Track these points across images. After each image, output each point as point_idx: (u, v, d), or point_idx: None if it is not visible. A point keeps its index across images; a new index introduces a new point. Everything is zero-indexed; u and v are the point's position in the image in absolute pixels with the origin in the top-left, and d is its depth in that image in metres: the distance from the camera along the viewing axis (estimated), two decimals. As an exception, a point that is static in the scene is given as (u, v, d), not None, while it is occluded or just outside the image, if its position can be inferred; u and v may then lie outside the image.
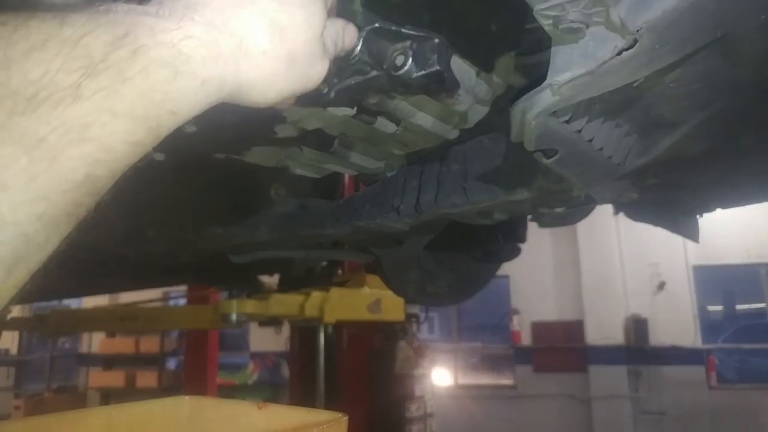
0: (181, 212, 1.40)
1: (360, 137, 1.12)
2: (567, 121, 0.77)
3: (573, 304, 9.36)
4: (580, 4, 0.59)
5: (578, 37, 0.63)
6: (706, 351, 8.49)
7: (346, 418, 0.59)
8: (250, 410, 0.68)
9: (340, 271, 3.84)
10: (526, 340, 9.78)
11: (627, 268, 9.05)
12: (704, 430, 8.13)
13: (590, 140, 0.84)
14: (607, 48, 0.62)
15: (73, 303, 6.77)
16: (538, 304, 9.72)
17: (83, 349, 11.30)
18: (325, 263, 3.27)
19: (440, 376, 9.18)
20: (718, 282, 9.22)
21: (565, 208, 1.26)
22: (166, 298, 5.49)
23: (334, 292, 3.12)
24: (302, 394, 3.98)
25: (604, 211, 1.40)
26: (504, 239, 1.88)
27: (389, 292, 3.47)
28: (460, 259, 2.00)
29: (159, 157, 1.09)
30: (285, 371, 9.69)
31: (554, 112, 0.75)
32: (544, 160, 0.91)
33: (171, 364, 10.01)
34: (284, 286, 3.17)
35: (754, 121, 0.93)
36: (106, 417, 0.73)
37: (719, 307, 9.58)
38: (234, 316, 2.60)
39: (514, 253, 1.96)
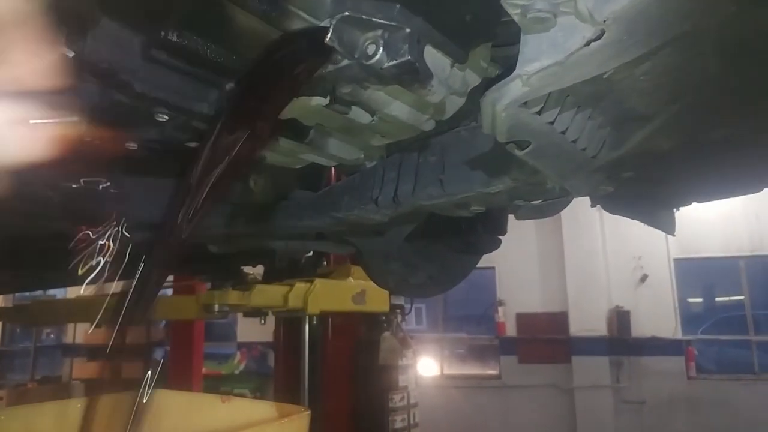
0: (152, 202, 1.38)
1: (336, 127, 1.11)
2: (538, 112, 0.77)
3: (557, 296, 9.46)
4: (548, -8, 0.59)
5: (547, 27, 0.62)
6: (686, 342, 8.63)
7: (308, 413, 0.59)
8: (214, 403, 0.68)
9: (325, 263, 3.84)
10: (510, 331, 9.87)
11: (610, 260, 9.16)
12: (682, 419, 8.29)
13: (563, 132, 0.84)
14: (575, 38, 0.62)
15: (58, 293, 6.70)
16: (523, 296, 9.81)
17: (68, 339, 11.20)
18: (310, 254, 3.26)
19: (426, 367, 9.24)
20: (699, 275, 9.36)
21: (542, 200, 1.26)
22: (149, 288, 5.44)
23: (318, 283, 3.11)
24: (287, 385, 3.99)
25: (588, 205, 1.40)
26: (484, 231, 1.89)
27: (374, 284, 3.49)
28: (440, 250, 2.00)
29: (132, 146, 1.08)
30: (272, 361, 9.68)
31: (525, 102, 0.75)
32: (517, 152, 0.91)
33: (157, 354, 9.96)
34: (269, 278, 3.16)
35: (723, 115, 0.94)
36: (85, 407, 0.73)
37: (699, 299, 9.73)
38: (216, 307, 2.59)
39: (495, 245, 1.97)
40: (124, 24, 0.80)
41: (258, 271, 3.41)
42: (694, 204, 1.58)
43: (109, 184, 1.30)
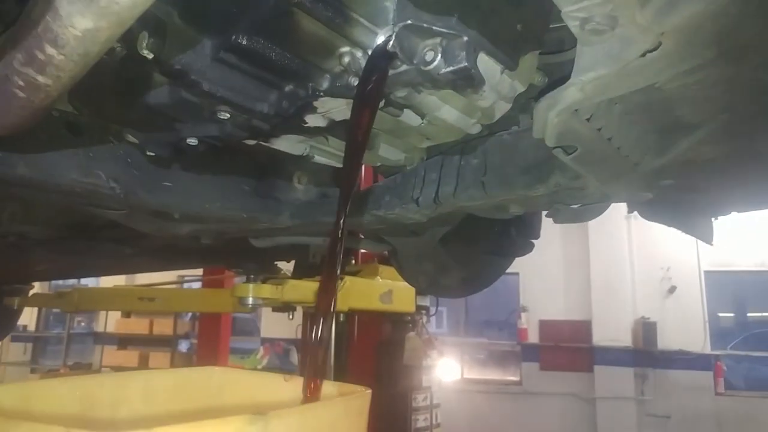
0: (207, 195, 1.44)
1: (385, 129, 1.15)
2: (588, 119, 0.81)
3: (581, 304, 9.37)
4: (608, 7, 0.62)
5: (604, 39, 0.66)
6: (715, 357, 8.46)
7: (369, 391, 0.63)
8: (276, 382, 0.73)
9: (353, 261, 3.89)
10: (533, 337, 9.81)
11: (637, 270, 9.03)
12: (709, 435, 8.13)
13: (609, 139, 0.87)
14: (631, 49, 0.65)
15: (89, 283, 6.91)
16: (546, 303, 9.74)
17: (99, 328, 11.51)
18: (340, 257, 3.31)
19: (447, 370, 9.24)
20: (730, 288, 9.16)
21: (581, 204, 1.28)
22: (180, 282, 5.58)
23: (348, 280, 3.16)
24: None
25: (616, 213, 1.42)
26: (517, 235, 1.91)
27: (401, 283, 3.52)
28: (472, 252, 2.03)
29: (192, 141, 1.14)
30: (294, 358, 9.82)
31: (576, 110, 0.78)
32: (564, 157, 0.94)
33: (183, 346, 10.19)
34: (299, 274, 3.22)
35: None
36: (144, 380, 0.78)
37: (730, 314, 9.51)
38: (250, 300, 2.66)
39: (528, 248, 1.99)
40: (199, 28, 0.86)
41: (287, 267, 3.49)
42: (729, 216, 1.58)
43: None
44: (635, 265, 9.02)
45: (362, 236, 2.10)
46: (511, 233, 1.90)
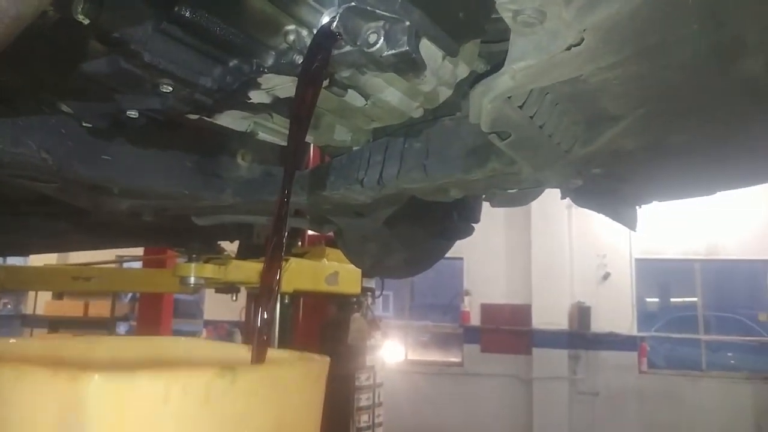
0: (149, 170, 1.42)
1: (330, 109, 1.17)
2: (520, 107, 0.85)
3: (522, 289, 9.71)
4: (537, 1, 0.67)
5: (534, 31, 0.70)
6: (640, 338, 9.00)
7: (328, 359, 0.67)
8: (240, 351, 0.76)
9: (300, 243, 3.89)
10: (475, 320, 10.10)
11: (576, 257, 9.44)
12: (632, 411, 8.67)
13: (541, 126, 0.93)
14: (558, 42, 0.70)
15: (17, 262, 6.56)
16: (488, 287, 10.03)
17: (27, 310, 10.98)
18: (284, 234, 3.30)
19: (392, 352, 9.40)
20: (657, 275, 9.74)
21: (516, 189, 1.35)
22: (118, 261, 5.40)
23: (294, 262, 3.17)
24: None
25: (557, 202, 1.51)
26: (459, 218, 1.97)
27: (347, 266, 3.56)
28: (416, 234, 2.08)
29: (132, 114, 1.12)
30: (238, 340, 9.72)
31: (509, 97, 0.83)
32: (498, 142, 0.99)
33: (121, 329, 9.87)
34: (243, 254, 3.20)
35: (683, 122, 1.04)
36: (112, 344, 0.80)
37: (656, 299, 10.13)
38: (192, 280, 2.62)
39: (469, 231, 2.06)
40: (140, -4, 0.85)
41: (232, 247, 3.45)
42: (653, 205, 1.70)
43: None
44: (574, 252, 9.42)
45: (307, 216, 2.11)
46: (454, 217, 1.96)
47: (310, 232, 4.01)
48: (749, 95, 0.97)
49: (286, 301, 4.06)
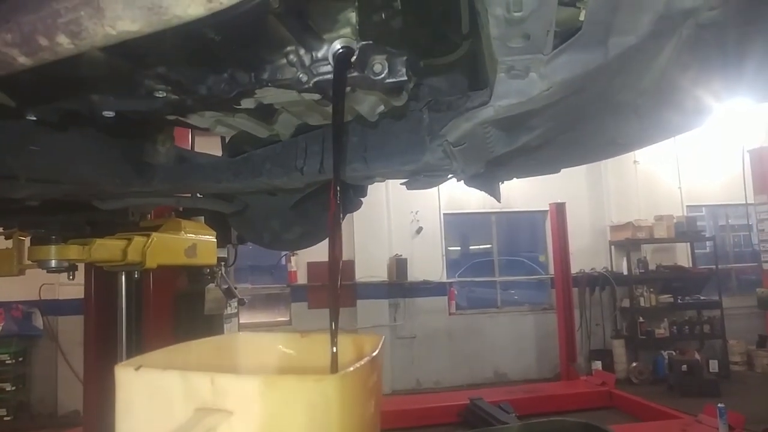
0: (81, 161, 1.37)
1: (296, 111, 1.30)
2: (484, 128, 1.12)
3: (345, 246, 10.25)
4: (526, 62, 0.93)
5: (520, 79, 0.96)
6: (449, 284, 10.28)
7: (383, 336, 0.85)
8: (295, 339, 0.88)
9: (149, 216, 3.72)
10: (302, 279, 10.43)
11: (393, 215, 10.27)
12: (443, 347, 9.98)
13: (488, 137, 1.21)
14: (534, 88, 0.98)
15: None
16: (314, 247, 10.38)
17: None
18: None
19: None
20: (460, 227, 11.10)
21: (433, 176, 1.63)
22: None
23: (156, 237, 3.06)
24: (101, 341, 3.81)
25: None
26: (354, 194, 2.20)
27: (204, 237, 3.53)
28: (313, 208, 2.25)
29: (109, 114, 1.12)
30: (38, 321, 8.69)
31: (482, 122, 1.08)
32: (452, 148, 1.25)
33: None
34: (93, 232, 2.99)
35: (569, 127, 1.41)
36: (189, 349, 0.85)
37: (458, 248, 11.57)
38: (53, 263, 2.42)
39: (358, 205, 2.30)
40: None
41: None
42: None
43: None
44: (391, 211, 10.23)
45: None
46: (350, 194, 2.18)
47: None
48: (612, 112, 1.38)
49: (136, 275, 3.87)
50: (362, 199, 2.32)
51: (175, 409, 0.65)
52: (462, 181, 1.86)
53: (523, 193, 10.44)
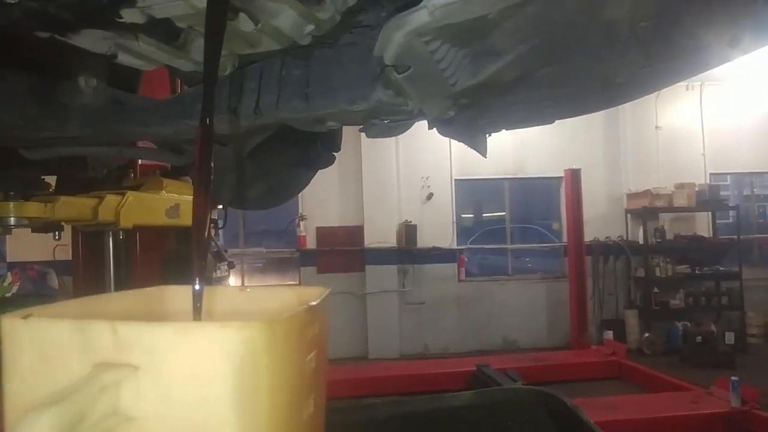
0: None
1: (208, 31, 1.07)
2: (426, 42, 0.88)
3: (355, 212, 10.12)
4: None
5: (456, -30, 0.72)
6: (459, 251, 10.08)
7: (329, 289, 0.72)
8: (234, 293, 0.80)
9: (132, 175, 3.56)
10: (311, 244, 10.34)
11: (402, 180, 10.04)
12: (452, 314, 9.86)
13: (438, 61, 0.97)
14: (477, -17, 0.73)
15: None
16: (323, 211, 10.27)
17: None
18: (116, 165, 2.99)
19: (228, 280, 9.24)
20: (472, 193, 10.83)
21: (393, 121, 1.40)
22: None
23: (131, 195, 2.89)
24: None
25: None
26: (322, 147, 1.98)
27: (188, 197, 3.36)
28: (278, 164, 2.04)
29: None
30: (53, 282, 8.73)
31: (419, 33, 0.84)
32: (395, 75, 1.01)
33: None
34: (62, 189, 2.83)
35: (550, 58, 1.16)
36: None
37: (470, 215, 11.33)
38: (12, 220, 2.26)
39: (330, 160, 2.08)
40: None
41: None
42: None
43: None
44: (401, 177, 10.00)
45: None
46: (317, 146, 1.96)
47: (141, 162, 3.68)
48: (604, 36, 1.12)
49: (121, 237, 3.73)
50: (335, 154, 2.10)
51: (71, 366, 0.55)
52: (436, 129, 1.62)
53: (537, 158, 10.09)
